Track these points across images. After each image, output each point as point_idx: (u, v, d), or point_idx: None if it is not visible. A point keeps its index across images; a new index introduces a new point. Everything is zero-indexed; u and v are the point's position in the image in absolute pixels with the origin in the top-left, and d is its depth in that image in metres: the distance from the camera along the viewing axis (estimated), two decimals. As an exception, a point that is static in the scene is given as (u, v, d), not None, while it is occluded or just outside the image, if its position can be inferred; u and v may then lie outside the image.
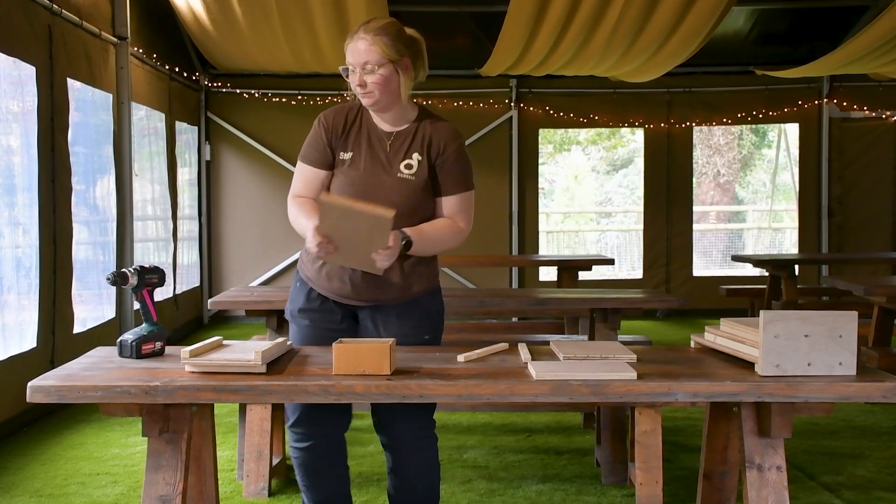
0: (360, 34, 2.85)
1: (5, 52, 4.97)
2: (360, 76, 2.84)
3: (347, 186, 2.89)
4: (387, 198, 2.83)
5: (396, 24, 2.92)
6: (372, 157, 2.91)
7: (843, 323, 2.40)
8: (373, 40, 2.83)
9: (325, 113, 3.00)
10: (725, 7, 7.21)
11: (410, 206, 2.88)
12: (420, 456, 2.96)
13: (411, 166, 2.90)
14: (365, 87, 2.84)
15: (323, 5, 7.13)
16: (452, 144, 2.93)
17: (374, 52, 2.83)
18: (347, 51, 2.88)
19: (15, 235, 5.23)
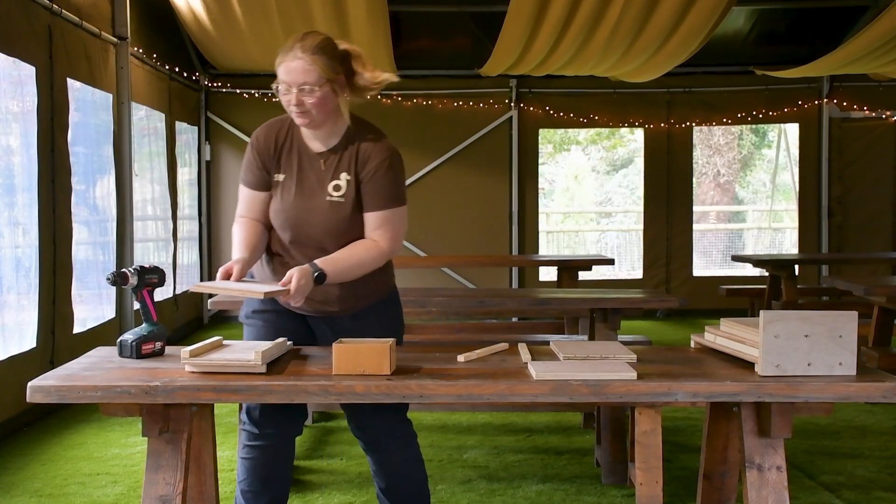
0: (296, 53, 2.76)
1: (5, 52, 4.97)
2: (297, 96, 2.77)
3: (280, 213, 2.89)
4: (318, 222, 2.85)
5: (331, 40, 2.84)
6: (302, 181, 2.88)
7: (843, 323, 2.40)
8: (311, 60, 2.75)
9: (257, 133, 2.96)
10: (725, 7, 7.21)
11: (341, 229, 2.86)
12: (402, 454, 2.97)
13: (340, 188, 2.86)
14: (302, 107, 2.78)
15: (323, 5, 7.13)
16: (377, 158, 2.86)
17: (313, 73, 2.76)
18: (281, 68, 2.79)
19: (15, 235, 5.23)
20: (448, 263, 8.76)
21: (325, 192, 2.85)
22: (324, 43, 2.80)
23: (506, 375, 2.46)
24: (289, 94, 2.79)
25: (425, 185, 9.69)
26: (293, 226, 2.88)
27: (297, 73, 2.76)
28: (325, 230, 2.84)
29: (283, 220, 2.88)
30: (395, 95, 9.60)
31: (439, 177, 9.71)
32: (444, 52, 9.60)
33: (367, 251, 2.83)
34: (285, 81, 2.78)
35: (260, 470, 2.92)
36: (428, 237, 9.64)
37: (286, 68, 2.78)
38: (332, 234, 2.84)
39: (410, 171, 9.64)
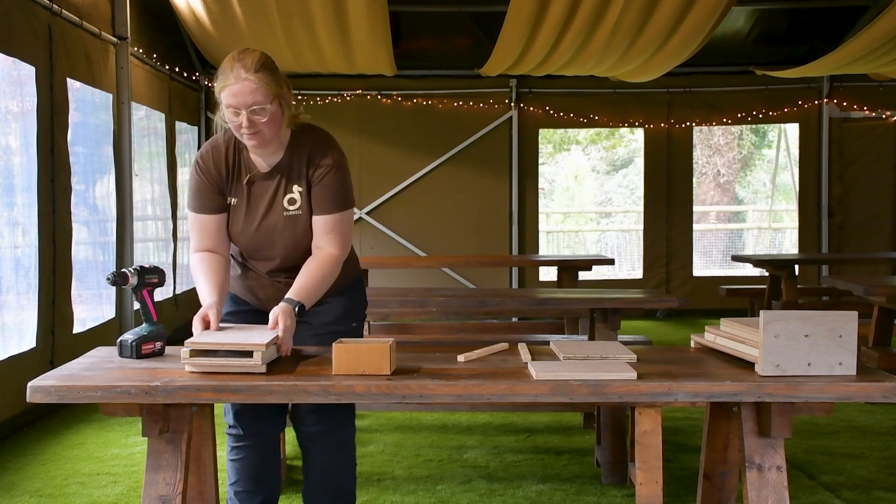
0: (239, 74, 2.70)
1: (5, 53, 4.97)
2: (248, 117, 2.71)
3: (238, 237, 2.89)
4: (278, 239, 2.86)
5: (266, 55, 2.80)
6: (255, 203, 2.86)
7: (843, 323, 2.40)
8: (257, 79, 2.70)
9: (202, 157, 2.89)
10: (725, 7, 7.20)
11: (300, 239, 2.87)
12: (338, 453, 2.95)
13: (294, 201, 2.85)
14: (254, 128, 2.72)
15: (323, 5, 7.13)
16: (325, 162, 2.84)
17: (262, 92, 2.71)
18: (226, 93, 2.72)
19: (14, 235, 5.23)
20: (448, 263, 8.75)
21: (281, 208, 2.85)
22: (264, 59, 2.76)
23: (506, 375, 2.46)
24: (238, 118, 2.72)
25: (425, 185, 9.69)
26: (254, 247, 2.89)
27: (246, 95, 2.70)
28: (285, 244, 2.87)
29: (243, 244, 2.90)
30: (395, 95, 9.61)
31: (439, 177, 9.71)
32: (444, 52, 9.60)
33: (326, 266, 2.82)
34: (233, 105, 2.72)
35: (250, 470, 2.94)
36: (428, 237, 9.64)
37: (231, 92, 2.71)
38: (290, 246, 2.88)
39: (410, 171, 9.66)
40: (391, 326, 6.07)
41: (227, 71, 2.72)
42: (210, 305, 2.71)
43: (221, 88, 2.73)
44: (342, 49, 8.06)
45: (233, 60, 2.73)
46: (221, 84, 2.73)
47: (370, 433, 5.00)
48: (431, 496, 3.96)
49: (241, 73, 2.70)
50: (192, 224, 2.91)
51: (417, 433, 5.01)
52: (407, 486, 4.09)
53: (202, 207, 2.87)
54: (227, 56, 2.79)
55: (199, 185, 2.87)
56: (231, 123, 2.76)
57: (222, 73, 2.74)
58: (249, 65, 2.70)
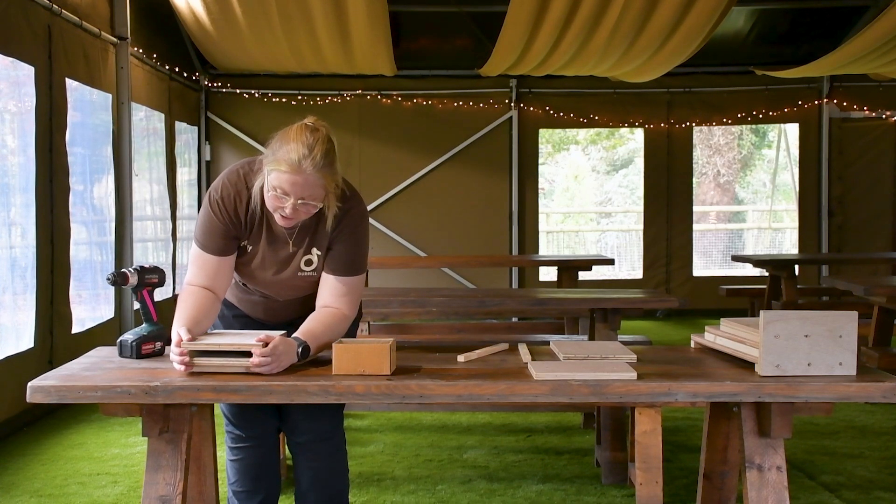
0: (307, 168, 2.53)
1: (4, 53, 4.96)
2: (294, 206, 2.58)
3: (249, 279, 2.85)
4: (289, 293, 2.84)
5: (331, 140, 2.62)
6: (271, 255, 2.77)
7: (843, 323, 2.40)
8: (321, 176, 2.56)
9: (219, 197, 2.70)
10: (725, 7, 7.20)
11: (310, 294, 2.84)
12: (329, 460, 2.93)
13: (311, 262, 2.78)
14: (295, 216, 2.61)
15: (323, 5, 7.13)
16: (348, 226, 2.74)
17: (319, 189, 2.59)
18: (284, 178, 2.54)
19: (13, 236, 5.22)
20: (448, 263, 8.75)
21: (297, 268, 2.78)
22: (330, 151, 2.59)
23: (506, 375, 2.46)
24: (285, 203, 2.58)
25: (425, 185, 9.69)
26: (261, 288, 2.87)
27: (303, 188, 2.56)
28: (295, 293, 2.86)
29: (253, 284, 2.86)
30: (395, 95, 9.61)
31: (439, 177, 9.71)
32: (444, 52, 9.60)
33: (339, 323, 2.72)
34: (284, 189, 2.56)
35: (249, 469, 2.93)
36: (428, 237, 9.64)
37: (290, 181, 2.55)
38: (298, 296, 2.86)
39: (410, 171, 9.66)
40: (391, 326, 6.07)
41: (289, 153, 2.54)
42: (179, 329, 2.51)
43: (276, 168, 2.56)
44: (342, 49, 8.06)
45: (300, 144, 2.55)
46: (277, 165, 2.56)
47: (370, 433, 5.00)
48: (431, 496, 3.96)
49: (307, 167, 2.54)
50: (194, 258, 2.75)
51: (417, 433, 5.01)
52: (407, 486, 4.09)
53: (210, 248, 2.71)
54: (295, 131, 2.59)
55: (212, 225, 2.70)
56: (270, 201, 2.61)
57: (283, 150, 2.55)
58: (319, 159, 2.55)
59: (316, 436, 2.90)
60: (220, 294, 2.76)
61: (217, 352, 2.48)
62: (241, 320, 2.97)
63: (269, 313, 2.92)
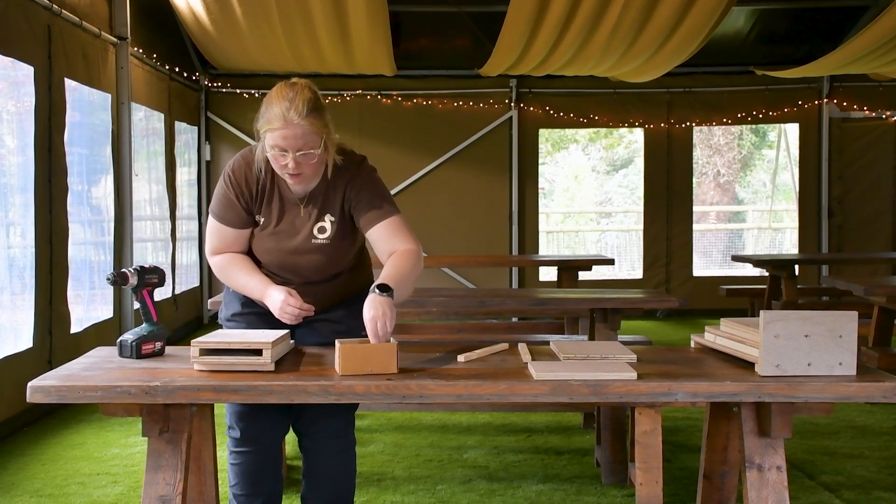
0: (292, 119, 2.64)
1: (3, 53, 4.96)
2: (295, 160, 2.67)
3: (263, 254, 2.88)
4: (304, 263, 2.85)
5: (314, 90, 2.72)
6: (285, 226, 2.83)
7: (843, 323, 2.40)
8: (309, 123, 2.65)
9: (233, 172, 2.83)
10: (725, 7, 7.21)
11: (331, 263, 2.87)
12: (338, 459, 2.94)
13: (325, 230, 2.83)
14: (299, 170, 2.70)
15: (323, 5, 7.13)
16: (360, 179, 2.82)
17: (312, 136, 2.67)
18: (276, 135, 2.66)
19: (12, 236, 5.22)
20: (448, 263, 8.75)
21: (311, 236, 2.83)
22: (313, 99, 2.69)
23: (506, 375, 2.46)
24: (285, 159, 2.68)
25: (425, 185, 9.69)
26: (276, 265, 2.88)
27: (296, 140, 2.65)
28: (311, 269, 2.86)
29: (268, 261, 2.88)
30: (395, 95, 9.61)
31: (439, 177, 9.72)
32: (444, 52, 9.60)
33: (410, 260, 2.75)
34: (281, 146, 2.67)
35: (249, 474, 2.91)
36: (428, 237, 9.63)
37: (282, 135, 2.65)
38: (315, 270, 2.86)
39: (410, 171, 9.66)
40: (391, 326, 6.05)
41: (275, 110, 2.66)
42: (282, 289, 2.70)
43: (269, 129, 2.67)
44: (342, 49, 8.06)
45: (282, 99, 2.66)
46: (268, 125, 2.67)
47: (370, 433, 5.00)
48: (431, 496, 3.96)
49: (292, 118, 2.64)
50: (212, 229, 2.87)
51: (417, 433, 5.01)
52: (407, 486, 4.09)
53: (226, 220, 2.85)
54: (276, 90, 2.71)
55: (227, 198, 2.83)
56: (275, 162, 2.72)
57: (269, 110, 2.67)
58: (301, 107, 2.64)
59: (329, 434, 2.90)
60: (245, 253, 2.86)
61: (226, 350, 2.48)
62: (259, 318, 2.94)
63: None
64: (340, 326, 2.91)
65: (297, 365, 2.58)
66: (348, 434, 2.95)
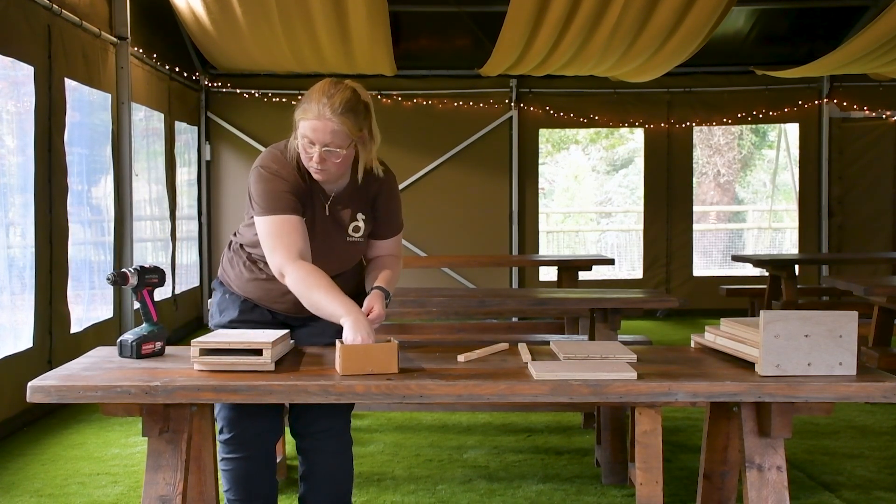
0: (325, 112, 2.66)
1: (3, 53, 4.96)
2: (321, 154, 2.69)
3: None
4: (335, 258, 2.88)
5: (356, 94, 2.74)
6: (322, 221, 2.85)
7: (843, 323, 2.40)
8: (340, 122, 2.66)
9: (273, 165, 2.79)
10: (725, 7, 7.21)
11: (353, 260, 2.97)
12: (337, 459, 2.93)
13: (359, 229, 2.90)
14: (323, 165, 2.71)
15: (323, 5, 7.13)
16: (387, 191, 2.94)
17: (341, 135, 2.68)
18: (307, 125, 2.69)
19: (12, 236, 5.22)
20: (448, 263, 8.75)
21: (346, 233, 2.88)
22: (352, 100, 2.70)
23: (506, 375, 2.46)
24: (311, 151, 2.71)
25: (425, 185, 9.69)
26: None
27: (324, 134, 2.67)
28: (340, 264, 2.92)
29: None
30: (395, 95, 9.61)
31: (439, 177, 9.72)
32: (444, 52, 9.60)
33: (398, 269, 3.00)
34: (309, 138, 2.70)
35: (242, 480, 2.88)
36: (428, 237, 9.64)
37: (312, 126, 2.68)
38: (343, 265, 2.94)
39: (410, 171, 9.66)
40: (391, 326, 6.06)
41: (312, 102, 2.69)
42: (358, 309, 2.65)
43: (301, 118, 2.71)
44: (342, 49, 8.06)
45: (321, 94, 2.69)
46: (303, 114, 2.70)
47: (370, 433, 5.00)
48: (431, 496, 3.96)
49: (325, 112, 2.66)
50: (274, 230, 2.72)
51: (417, 433, 5.01)
52: (407, 486, 4.09)
53: (288, 208, 2.73)
54: (320, 84, 2.73)
55: (277, 187, 2.75)
56: (303, 151, 2.74)
57: (307, 101, 2.70)
58: (337, 105, 2.66)
59: (328, 435, 2.90)
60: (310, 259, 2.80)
61: (226, 350, 2.48)
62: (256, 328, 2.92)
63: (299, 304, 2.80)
64: (338, 326, 2.90)
65: (297, 365, 2.58)
66: (346, 434, 2.95)
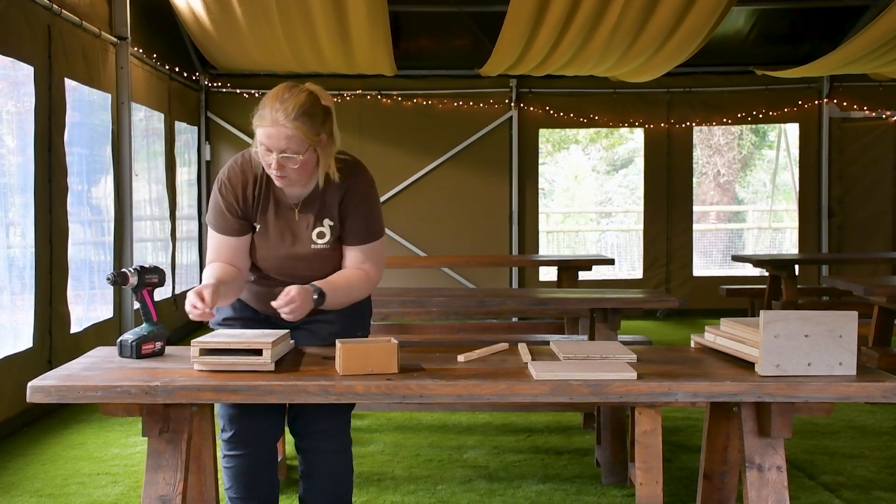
0: (277, 118, 2.63)
1: (3, 53, 4.96)
2: (279, 160, 2.66)
3: (263, 260, 2.86)
4: (304, 267, 2.84)
5: (313, 97, 2.70)
6: (282, 231, 2.82)
7: (843, 323, 2.40)
8: (295, 127, 2.62)
9: (227, 178, 2.81)
10: (725, 7, 7.20)
11: (331, 268, 2.87)
12: (336, 459, 2.93)
13: (324, 235, 2.82)
14: (282, 171, 2.68)
15: (323, 5, 7.13)
16: (356, 195, 2.82)
17: (297, 140, 2.64)
18: (262, 132, 2.66)
19: (12, 235, 5.22)
20: (448, 263, 8.75)
21: (310, 241, 2.82)
22: (307, 104, 2.66)
23: (506, 375, 2.46)
24: (269, 158, 2.68)
25: (425, 185, 9.69)
26: (277, 270, 2.87)
27: (279, 140, 2.64)
28: (312, 272, 2.84)
29: (267, 266, 2.88)
30: (395, 95, 9.61)
31: (439, 177, 9.72)
32: (444, 52, 9.60)
33: (360, 282, 2.83)
34: (265, 144, 2.66)
35: (243, 477, 2.88)
36: (428, 237, 9.64)
37: (266, 133, 2.65)
38: (319, 273, 2.84)
39: (410, 171, 9.66)
40: (391, 326, 6.06)
41: (266, 108, 2.66)
42: (206, 285, 2.64)
43: (257, 124, 2.68)
44: (342, 49, 8.06)
45: (275, 100, 2.66)
46: (259, 121, 2.68)
47: (370, 433, 5.00)
48: (431, 496, 3.96)
49: (279, 118, 2.63)
50: (210, 240, 2.86)
51: (417, 433, 5.01)
52: (407, 486, 4.09)
53: (222, 229, 2.82)
54: (275, 89, 2.71)
55: (222, 207, 2.81)
56: (262, 158, 2.72)
57: (262, 108, 2.67)
58: (290, 110, 2.63)
59: (327, 435, 2.89)
60: (241, 270, 2.83)
61: (226, 350, 2.48)
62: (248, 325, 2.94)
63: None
64: (334, 327, 2.90)
65: (297, 365, 2.58)
66: (345, 434, 2.94)
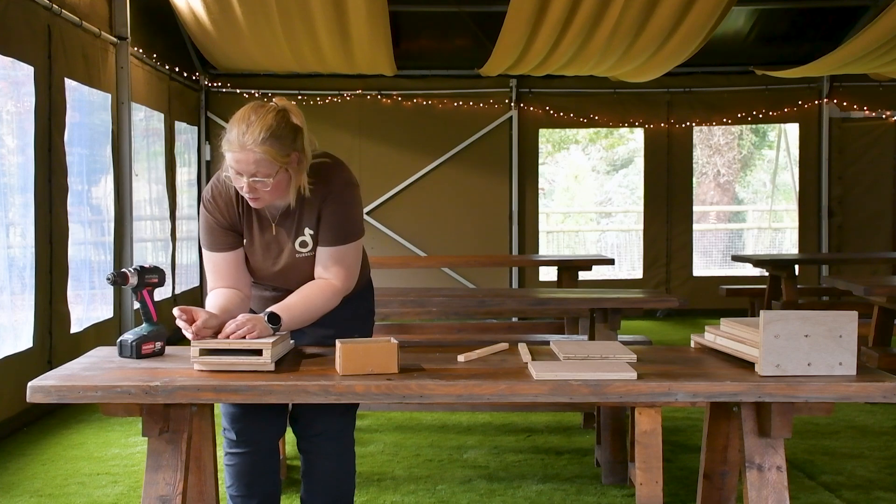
0: (246, 143, 2.56)
1: (3, 53, 4.96)
2: (249, 184, 2.61)
3: (255, 273, 2.87)
4: (292, 276, 2.83)
5: (280, 116, 2.63)
6: (267, 244, 2.81)
7: (843, 323, 2.40)
8: (263, 151, 2.56)
9: (210, 197, 2.79)
10: (725, 7, 7.20)
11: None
12: (338, 460, 2.93)
13: (306, 244, 2.81)
14: (255, 194, 2.64)
15: (323, 5, 7.13)
16: (332, 196, 2.76)
17: (266, 163, 2.58)
18: (231, 157, 2.60)
19: (12, 236, 5.22)
20: (448, 263, 8.75)
21: (293, 251, 2.81)
22: (274, 126, 2.59)
23: (506, 375, 2.46)
24: (240, 181, 2.63)
25: (425, 185, 9.69)
26: (269, 279, 2.89)
27: (248, 165, 2.58)
28: (299, 279, 2.84)
29: (258, 277, 2.89)
30: (395, 95, 9.61)
31: (439, 177, 9.72)
32: (444, 52, 9.60)
33: (323, 294, 2.76)
34: (234, 169, 2.61)
35: (244, 476, 2.89)
36: (428, 237, 9.64)
37: (235, 158, 2.59)
38: (304, 280, 2.83)
39: (410, 171, 9.66)
40: (391, 326, 6.06)
41: (233, 132, 2.60)
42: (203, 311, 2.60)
43: (227, 149, 2.62)
44: (342, 49, 8.06)
45: (241, 122, 2.60)
46: (227, 145, 2.62)
47: (370, 433, 5.00)
48: (431, 496, 3.96)
49: (247, 142, 2.57)
50: (206, 263, 2.85)
51: (417, 433, 5.01)
52: (407, 486, 4.09)
53: (217, 246, 2.80)
54: (241, 111, 2.65)
55: (212, 223, 2.80)
56: (234, 182, 2.67)
57: (229, 131, 2.62)
58: (257, 134, 2.57)
59: (328, 435, 2.89)
60: (244, 290, 2.82)
61: (226, 350, 2.48)
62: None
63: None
64: (330, 331, 2.90)
65: (297, 365, 2.58)
66: (347, 435, 2.94)
